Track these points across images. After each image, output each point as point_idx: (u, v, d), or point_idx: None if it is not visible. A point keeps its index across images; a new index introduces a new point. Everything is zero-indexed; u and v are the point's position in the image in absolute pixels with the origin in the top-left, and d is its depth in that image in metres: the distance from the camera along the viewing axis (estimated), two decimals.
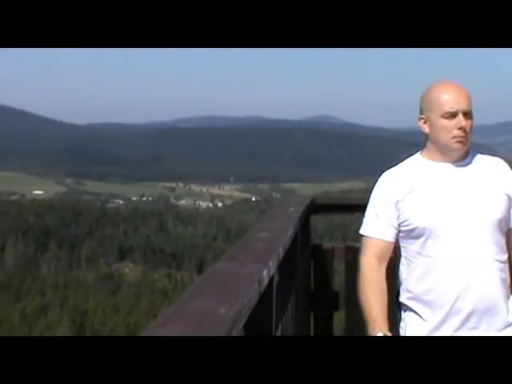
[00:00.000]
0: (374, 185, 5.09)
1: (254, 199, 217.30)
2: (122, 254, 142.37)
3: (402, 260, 4.93)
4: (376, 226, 4.92)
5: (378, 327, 4.87)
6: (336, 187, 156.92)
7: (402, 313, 4.98)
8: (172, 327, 2.73)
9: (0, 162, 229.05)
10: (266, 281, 3.98)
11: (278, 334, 5.07)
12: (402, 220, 4.79)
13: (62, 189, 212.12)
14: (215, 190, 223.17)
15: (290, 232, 5.85)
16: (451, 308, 4.88)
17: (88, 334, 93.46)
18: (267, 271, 4.07)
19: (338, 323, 7.97)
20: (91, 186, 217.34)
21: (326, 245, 7.99)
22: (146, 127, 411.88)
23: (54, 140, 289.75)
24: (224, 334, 2.79)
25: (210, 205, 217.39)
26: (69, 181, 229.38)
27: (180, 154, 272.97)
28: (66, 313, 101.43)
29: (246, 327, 3.35)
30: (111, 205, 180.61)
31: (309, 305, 7.61)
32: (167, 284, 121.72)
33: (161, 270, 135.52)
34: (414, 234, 4.83)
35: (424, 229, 4.75)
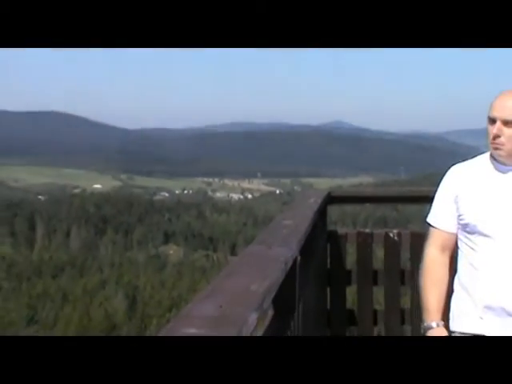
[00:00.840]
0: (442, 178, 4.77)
1: (278, 192, 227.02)
2: (167, 238, 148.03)
3: (458, 251, 4.60)
4: (439, 217, 4.62)
5: (430, 318, 4.61)
6: (348, 181, 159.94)
7: (453, 300, 4.64)
8: (212, 301, 2.72)
9: (66, 161, 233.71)
10: (290, 261, 3.97)
11: (301, 306, 4.95)
12: (458, 214, 4.48)
13: (117, 183, 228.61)
14: (245, 184, 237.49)
15: (310, 220, 5.72)
16: (491, 305, 4.50)
17: (139, 305, 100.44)
18: (291, 253, 4.07)
19: (350, 296, 8.07)
20: (141, 181, 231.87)
21: (340, 230, 7.83)
22: (186, 132, 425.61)
23: (111, 142, 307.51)
24: (256, 307, 2.76)
25: (241, 197, 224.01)
26: (123, 176, 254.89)
27: (215, 154, 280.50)
28: (120, 287, 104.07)
29: (274, 301, 3.47)
30: (158, 197, 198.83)
31: (326, 281, 7.59)
32: (205, 263, 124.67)
33: (200, 251, 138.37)
34: (467, 229, 4.48)
35: (475, 226, 4.41)
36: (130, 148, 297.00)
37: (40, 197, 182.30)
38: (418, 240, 7.23)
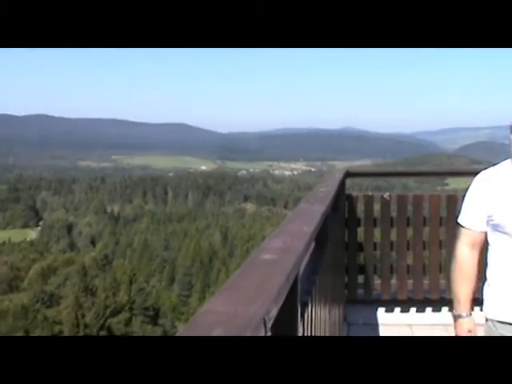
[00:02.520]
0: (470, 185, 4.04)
1: (312, 170, 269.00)
2: (246, 198, 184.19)
3: (489, 247, 3.99)
4: (469, 218, 4.02)
5: (461, 309, 4.04)
6: (355, 163, 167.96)
7: (487, 290, 3.98)
8: (280, 238, 2.76)
9: (185, 152, 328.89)
10: (325, 213, 3.96)
11: (330, 240, 4.80)
12: (488, 215, 3.86)
13: (215, 166, 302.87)
14: (293, 165, 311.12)
15: (336, 188, 5.77)
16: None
17: (229, 239, 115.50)
18: (325, 208, 4.05)
19: (359, 233, 7.79)
20: (229, 164, 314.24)
21: (354, 194, 7.70)
22: (258, 134, 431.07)
23: (212, 140, 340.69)
24: (307, 241, 2.87)
25: (290, 173, 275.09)
26: (218, 161, 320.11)
27: (275, 147, 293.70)
28: (217, 228, 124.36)
29: (316, 237, 3.64)
30: (239, 173, 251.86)
31: (344, 224, 7.49)
32: (268, 214, 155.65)
33: (265, 206, 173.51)
34: (495, 229, 3.90)
35: (504, 226, 3.83)
36: (224, 144, 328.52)
37: (170, 174, 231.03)
38: (402, 199, 7.75)
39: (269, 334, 1.75)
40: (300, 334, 2.65)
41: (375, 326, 7.51)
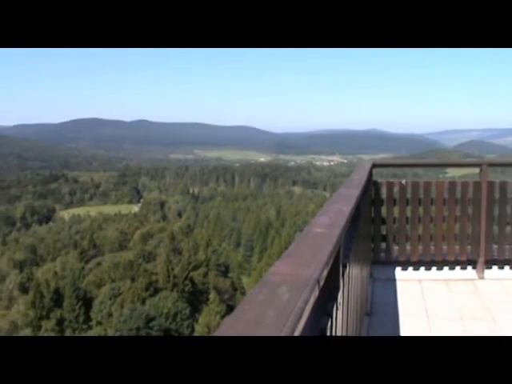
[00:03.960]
0: None
1: (345, 161, 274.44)
2: (294, 183, 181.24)
3: None
4: None
5: None
6: (377, 156, 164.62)
7: None
8: (326, 216, 2.71)
9: (248, 148, 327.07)
10: (359, 196, 3.94)
11: (362, 217, 4.73)
12: None
13: (270, 158, 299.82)
14: (330, 158, 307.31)
15: (366, 176, 5.74)
16: None
17: (281, 215, 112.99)
18: (359, 192, 4.03)
19: (383, 211, 7.55)
20: (282, 156, 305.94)
21: (379, 180, 7.51)
22: (304, 133, 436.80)
23: (268, 138, 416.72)
24: (346, 218, 2.76)
25: (328, 164, 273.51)
26: (273, 155, 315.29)
27: (317, 143, 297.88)
28: (273, 205, 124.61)
29: (352, 215, 3.34)
30: (290, 164, 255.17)
31: (371, 204, 7.35)
32: (312, 195, 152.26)
33: (309, 189, 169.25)
34: None
35: None
36: (278, 141, 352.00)
37: (237, 164, 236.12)
38: (415, 185, 7.63)
39: (317, 293, 1.68)
40: (341, 288, 2.60)
41: (393, 280, 7.49)
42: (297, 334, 1.35)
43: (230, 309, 64.44)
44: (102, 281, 67.31)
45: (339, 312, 2.51)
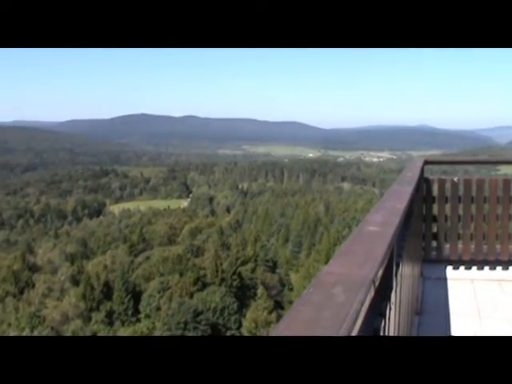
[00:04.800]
0: None
1: (394, 158, 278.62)
2: (343, 179, 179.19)
3: None
4: None
5: None
6: (427, 153, 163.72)
7: None
8: (379, 213, 2.70)
9: (295, 144, 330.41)
10: (412, 193, 3.95)
11: (414, 213, 4.68)
12: None
13: (319, 154, 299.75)
14: (379, 154, 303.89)
15: (418, 173, 5.82)
16: None
17: (330, 210, 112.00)
18: (412, 189, 4.03)
19: (435, 209, 7.48)
20: (331, 152, 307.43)
21: (430, 177, 7.43)
22: (353, 129, 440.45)
23: (316, 134, 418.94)
24: (400, 214, 2.74)
25: (377, 160, 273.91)
26: (322, 150, 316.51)
27: (366, 139, 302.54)
28: (321, 201, 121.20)
29: (406, 210, 3.28)
30: (339, 160, 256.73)
31: (422, 200, 7.23)
32: (361, 191, 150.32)
33: (358, 185, 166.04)
34: None
35: None
36: (326, 137, 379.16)
37: (285, 160, 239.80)
38: (467, 182, 7.51)
39: (372, 294, 1.67)
40: (394, 288, 2.56)
41: (444, 279, 7.38)
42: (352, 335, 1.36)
43: (278, 304, 64.85)
44: (151, 274, 68.08)
45: (392, 312, 2.46)
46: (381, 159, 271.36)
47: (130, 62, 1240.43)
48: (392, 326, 2.49)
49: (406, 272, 3.70)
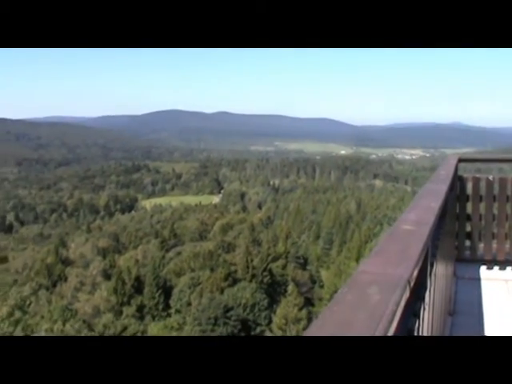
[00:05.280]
0: None
1: (427, 155, 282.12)
2: (375, 177, 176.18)
3: None
4: None
5: None
6: (461, 151, 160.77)
7: None
8: (413, 213, 2.68)
9: (327, 141, 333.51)
10: (447, 192, 3.94)
11: (448, 210, 4.66)
12: None
13: (351, 151, 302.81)
14: (412, 151, 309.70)
15: (453, 171, 5.74)
16: None
17: (362, 208, 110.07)
18: (446, 188, 3.99)
19: (469, 207, 7.39)
20: (363, 149, 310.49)
21: (464, 175, 7.32)
22: (385, 126, 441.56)
23: (348, 131, 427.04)
24: (435, 213, 2.72)
25: (410, 157, 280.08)
26: (354, 148, 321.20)
27: (398, 136, 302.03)
28: (353, 199, 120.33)
29: (441, 209, 3.31)
30: (371, 157, 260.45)
31: (456, 199, 7.11)
32: (393, 189, 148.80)
33: (390, 183, 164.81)
34: None
35: None
36: (358, 134, 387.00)
37: (317, 157, 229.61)
38: (503, 181, 7.39)
39: (407, 294, 1.65)
40: (428, 288, 2.54)
41: (478, 280, 7.26)
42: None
43: (308, 301, 64.76)
44: (182, 270, 68.38)
45: (426, 312, 2.44)
46: (413, 157, 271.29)
47: (162, 59, 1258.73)
48: (426, 326, 2.45)
49: (440, 272, 3.65)
